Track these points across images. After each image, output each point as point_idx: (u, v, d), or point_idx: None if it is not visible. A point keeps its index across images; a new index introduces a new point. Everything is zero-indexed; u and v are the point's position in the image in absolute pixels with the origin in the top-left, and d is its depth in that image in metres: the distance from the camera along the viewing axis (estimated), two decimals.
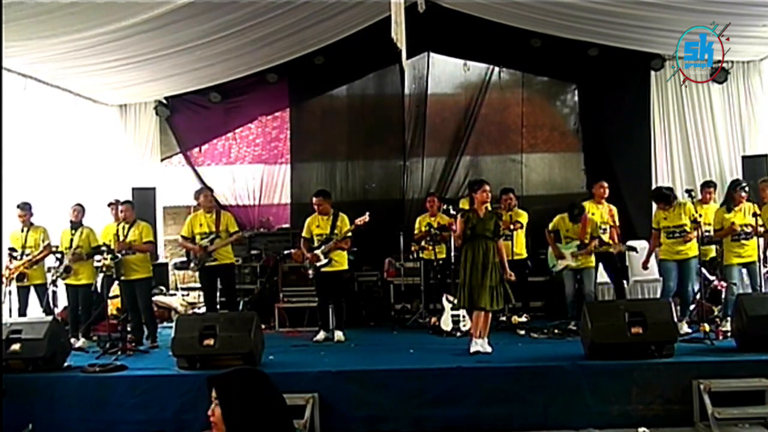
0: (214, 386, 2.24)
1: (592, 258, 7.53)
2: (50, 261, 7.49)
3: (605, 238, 7.63)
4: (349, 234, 7.41)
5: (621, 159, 9.80)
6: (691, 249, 7.02)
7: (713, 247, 7.41)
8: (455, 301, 7.10)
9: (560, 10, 7.83)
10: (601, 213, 7.74)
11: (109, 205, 8.20)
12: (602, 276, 8.05)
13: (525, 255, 8.27)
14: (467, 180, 9.55)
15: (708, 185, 7.88)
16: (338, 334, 7.37)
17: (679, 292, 7.05)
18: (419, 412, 5.48)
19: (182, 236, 7.67)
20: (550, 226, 7.75)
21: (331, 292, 7.56)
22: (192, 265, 7.57)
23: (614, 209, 8.00)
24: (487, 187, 6.49)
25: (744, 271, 7.01)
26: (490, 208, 6.71)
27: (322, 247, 7.32)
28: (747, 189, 7.07)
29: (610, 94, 9.94)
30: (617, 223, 7.94)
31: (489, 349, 6.24)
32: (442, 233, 8.11)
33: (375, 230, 7.94)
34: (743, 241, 6.89)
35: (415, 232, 8.56)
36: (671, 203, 7.10)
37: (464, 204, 7.71)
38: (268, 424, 2.19)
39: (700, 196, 7.61)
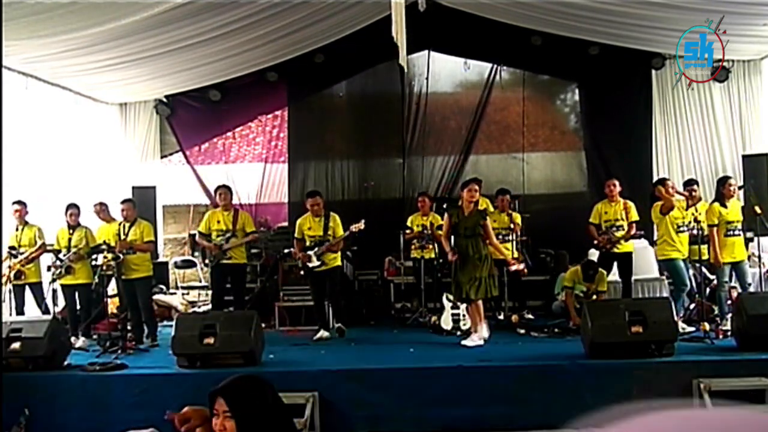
0: (224, 399, 2.12)
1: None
2: (46, 260, 7.47)
3: (619, 235, 7.56)
4: (342, 238, 7.36)
5: (622, 158, 9.81)
6: None
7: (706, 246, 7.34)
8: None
9: (561, 9, 7.83)
10: (614, 210, 7.67)
11: (97, 205, 7.96)
12: (612, 275, 8.01)
13: (516, 254, 8.23)
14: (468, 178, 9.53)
15: (690, 183, 7.78)
16: (338, 326, 7.34)
17: (678, 291, 7.05)
18: (419, 411, 5.48)
19: (199, 232, 7.70)
20: (566, 281, 7.66)
21: (326, 290, 7.53)
22: (207, 261, 7.60)
23: (630, 204, 7.68)
24: (475, 186, 6.48)
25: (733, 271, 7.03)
26: (484, 207, 6.73)
27: (315, 249, 7.28)
28: (734, 184, 7.13)
29: (610, 93, 9.93)
30: (634, 219, 7.62)
31: (486, 335, 6.36)
32: (435, 232, 8.08)
33: (375, 229, 7.93)
34: (733, 239, 6.91)
35: (407, 231, 8.54)
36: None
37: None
38: (278, 429, 2.16)
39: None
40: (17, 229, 7.36)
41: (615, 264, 7.77)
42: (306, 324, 8.15)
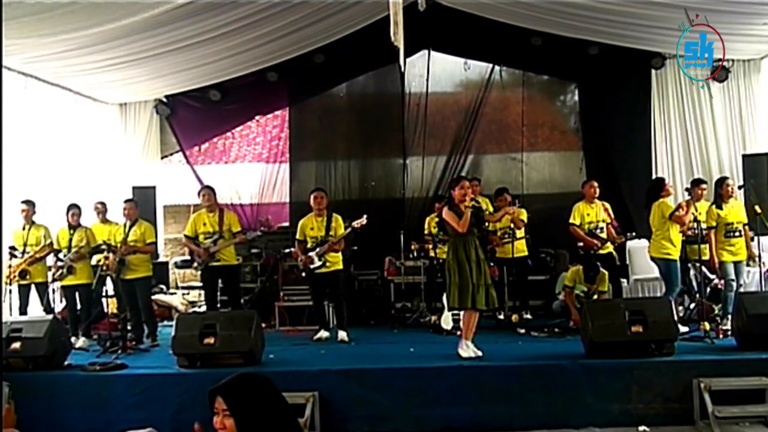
0: (222, 397, 2.14)
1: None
2: (50, 260, 7.50)
3: (602, 236, 7.62)
4: (344, 236, 7.34)
5: (621, 157, 9.81)
6: None
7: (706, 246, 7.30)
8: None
9: (561, 9, 7.82)
10: (596, 212, 7.71)
11: (99, 204, 8.03)
12: None
13: (526, 252, 8.27)
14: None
15: (699, 182, 7.74)
16: (341, 334, 7.30)
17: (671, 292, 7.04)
18: (419, 411, 5.48)
19: (186, 236, 7.64)
20: (567, 281, 7.66)
21: (327, 293, 7.55)
22: (195, 264, 7.57)
23: (607, 205, 7.81)
24: (466, 183, 6.26)
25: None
26: (476, 204, 6.64)
27: (317, 249, 7.28)
28: (732, 184, 7.16)
29: (610, 93, 9.94)
30: (613, 219, 7.79)
31: (480, 353, 6.02)
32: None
33: (375, 229, 7.93)
34: (733, 239, 6.93)
35: (425, 231, 8.52)
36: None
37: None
38: (280, 426, 2.16)
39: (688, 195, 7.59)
40: (24, 229, 7.37)
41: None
42: (306, 324, 8.16)
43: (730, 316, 6.61)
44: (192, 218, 7.69)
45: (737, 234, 6.97)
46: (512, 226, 8.02)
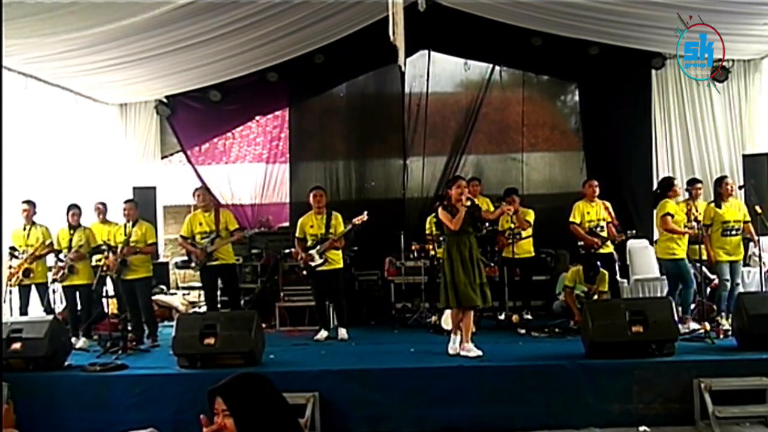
0: (221, 397, 2.13)
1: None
2: (51, 260, 7.50)
3: (603, 235, 7.62)
4: (344, 233, 7.37)
5: (622, 158, 9.79)
6: None
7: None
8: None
9: (561, 9, 7.81)
10: (596, 210, 7.72)
11: (100, 204, 8.12)
12: None
13: (533, 253, 8.27)
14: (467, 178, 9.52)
15: (694, 182, 7.64)
16: (342, 332, 7.37)
17: (688, 289, 7.05)
18: (420, 412, 5.49)
19: (182, 236, 7.64)
20: (567, 281, 7.66)
21: (328, 291, 7.57)
22: (193, 264, 7.58)
23: (608, 204, 7.81)
24: (463, 183, 6.32)
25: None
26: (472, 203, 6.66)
27: (318, 247, 7.31)
28: (732, 183, 7.20)
29: (610, 93, 9.91)
30: (614, 217, 7.77)
31: (480, 353, 6.03)
32: None
33: (375, 229, 7.94)
34: (730, 239, 6.93)
35: (426, 231, 8.53)
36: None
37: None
38: (280, 426, 2.16)
39: (687, 195, 7.59)
40: (24, 229, 7.38)
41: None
42: (307, 324, 8.17)
43: (724, 314, 6.68)
44: (188, 218, 7.70)
45: (734, 233, 6.98)
46: (513, 226, 8.02)
